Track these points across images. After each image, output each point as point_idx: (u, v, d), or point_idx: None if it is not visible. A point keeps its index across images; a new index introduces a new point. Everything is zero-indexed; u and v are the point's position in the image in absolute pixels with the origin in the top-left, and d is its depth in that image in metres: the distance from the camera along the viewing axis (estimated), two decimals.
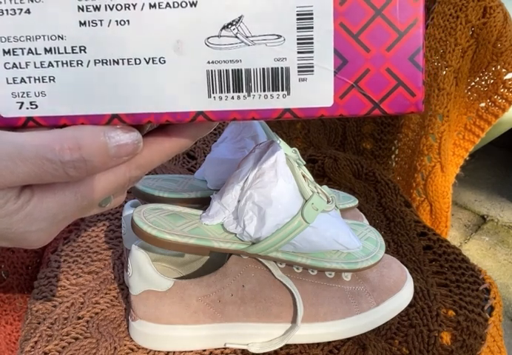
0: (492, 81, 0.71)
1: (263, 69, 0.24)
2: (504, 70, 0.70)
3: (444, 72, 0.72)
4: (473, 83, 0.74)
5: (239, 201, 0.45)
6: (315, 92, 0.25)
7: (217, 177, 0.53)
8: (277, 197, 0.43)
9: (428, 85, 0.75)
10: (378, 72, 0.24)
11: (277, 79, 0.24)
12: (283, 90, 0.25)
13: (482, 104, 0.74)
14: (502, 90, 0.71)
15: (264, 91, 0.25)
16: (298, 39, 0.24)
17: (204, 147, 0.84)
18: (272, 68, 0.24)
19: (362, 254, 0.50)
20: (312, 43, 0.24)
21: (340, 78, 0.24)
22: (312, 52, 0.24)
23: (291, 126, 0.90)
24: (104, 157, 0.24)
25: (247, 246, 0.46)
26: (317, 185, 0.48)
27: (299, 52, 0.24)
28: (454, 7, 0.71)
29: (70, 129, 0.25)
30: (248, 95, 0.25)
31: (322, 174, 0.81)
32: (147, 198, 0.54)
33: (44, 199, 0.25)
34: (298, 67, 0.24)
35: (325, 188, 0.49)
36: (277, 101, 0.25)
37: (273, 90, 0.25)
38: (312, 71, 0.24)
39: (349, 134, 0.88)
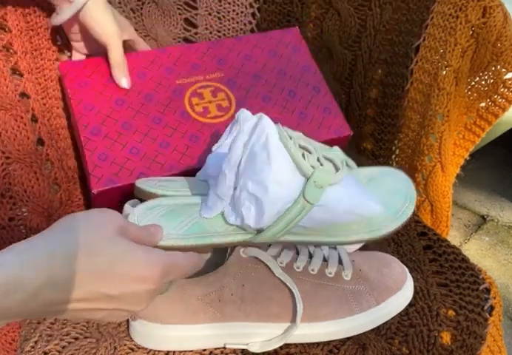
0: (492, 81, 0.71)
1: None
2: (504, 70, 0.70)
3: (444, 72, 0.72)
4: (473, 83, 0.74)
5: (235, 188, 0.41)
6: None
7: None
8: (273, 182, 0.39)
9: (428, 85, 0.75)
10: None
11: None
12: None
13: (482, 104, 0.74)
14: (502, 90, 0.71)
15: None
16: None
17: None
18: None
19: (387, 214, 0.43)
20: None
21: None
22: None
23: None
24: None
25: (252, 236, 0.43)
26: (322, 152, 0.42)
27: None
28: (454, 6, 0.71)
29: None
30: None
31: None
32: (148, 198, 0.54)
33: None
34: None
35: (334, 150, 0.43)
36: None
37: None
38: None
39: None
